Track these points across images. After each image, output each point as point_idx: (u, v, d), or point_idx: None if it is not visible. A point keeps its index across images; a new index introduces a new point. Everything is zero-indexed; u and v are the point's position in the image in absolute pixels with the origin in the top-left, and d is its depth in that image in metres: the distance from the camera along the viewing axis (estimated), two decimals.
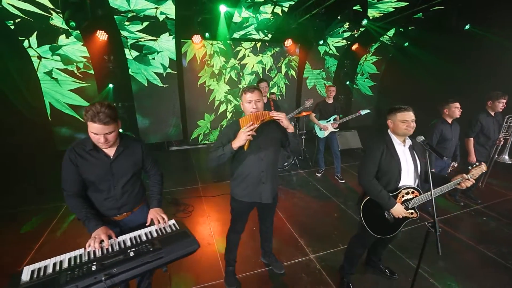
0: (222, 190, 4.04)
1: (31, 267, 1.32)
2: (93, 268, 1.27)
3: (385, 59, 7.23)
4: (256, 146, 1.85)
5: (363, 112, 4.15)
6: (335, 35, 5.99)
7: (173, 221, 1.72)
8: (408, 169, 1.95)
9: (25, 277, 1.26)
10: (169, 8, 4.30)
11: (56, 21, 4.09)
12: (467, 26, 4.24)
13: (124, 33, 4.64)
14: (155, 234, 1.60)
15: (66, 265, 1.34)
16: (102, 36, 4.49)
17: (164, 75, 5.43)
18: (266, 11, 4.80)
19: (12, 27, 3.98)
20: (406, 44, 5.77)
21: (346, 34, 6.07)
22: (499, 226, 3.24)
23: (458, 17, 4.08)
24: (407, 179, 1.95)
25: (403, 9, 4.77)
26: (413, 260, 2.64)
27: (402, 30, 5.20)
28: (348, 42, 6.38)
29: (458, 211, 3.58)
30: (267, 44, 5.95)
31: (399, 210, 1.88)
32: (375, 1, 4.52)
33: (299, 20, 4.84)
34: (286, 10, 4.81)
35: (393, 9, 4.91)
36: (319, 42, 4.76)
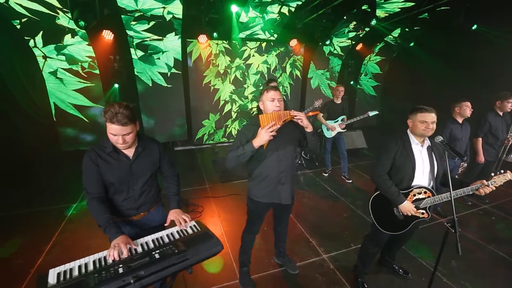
0: (230, 190, 4.03)
1: (57, 269, 1.31)
2: (120, 270, 1.25)
3: (388, 59, 7.24)
4: (275, 146, 1.84)
5: (372, 113, 4.13)
6: (340, 35, 5.99)
7: (194, 222, 1.71)
8: (424, 170, 1.95)
9: (51, 280, 1.25)
10: (177, 8, 4.27)
11: (62, 20, 4.05)
12: (475, 26, 4.24)
13: (130, 32, 4.61)
14: (177, 236, 1.59)
15: (92, 267, 1.33)
16: (108, 35, 4.45)
17: (169, 75, 5.40)
18: (273, 11, 4.79)
19: (18, 26, 3.95)
20: (411, 44, 5.77)
21: (351, 34, 6.07)
22: (509, 226, 3.25)
23: (465, 17, 4.08)
24: (421, 179, 1.96)
25: (409, 9, 4.77)
26: (425, 260, 2.65)
27: (408, 30, 5.21)
28: (353, 42, 6.37)
29: (466, 210, 3.60)
30: (272, 44, 5.94)
31: (407, 207, 1.89)
32: (382, 1, 4.53)
33: (305, 20, 4.83)
34: (293, 10, 4.80)
35: (399, 9, 4.91)
36: (325, 42, 4.74)
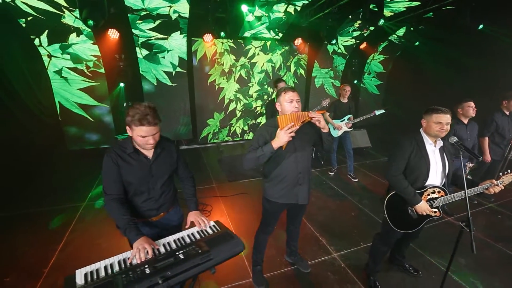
0: (238, 189, 4.04)
1: (83, 270, 1.32)
2: (147, 271, 1.27)
3: (392, 58, 7.25)
4: (293, 147, 1.86)
5: (378, 112, 4.15)
6: (345, 34, 5.99)
7: (213, 222, 1.73)
8: (437, 170, 1.98)
9: (79, 280, 1.26)
10: (183, 7, 4.26)
11: (68, 19, 4.03)
12: (481, 26, 4.25)
13: (135, 31, 4.59)
14: (197, 236, 1.60)
15: (117, 268, 1.34)
16: (113, 34, 4.43)
17: (174, 74, 5.39)
18: (279, 10, 4.78)
19: (23, 25, 3.92)
20: (417, 43, 5.77)
21: (355, 33, 6.07)
22: None
23: (471, 16, 4.09)
24: (435, 178, 1.99)
25: (415, 8, 4.77)
26: (434, 257, 2.68)
27: (413, 29, 5.21)
28: (357, 41, 6.38)
29: (472, 209, 3.63)
30: (277, 42, 5.94)
31: (423, 207, 1.92)
32: (388, 0, 4.52)
33: (310, 19, 4.83)
34: (299, 9, 4.79)
35: (404, 9, 4.91)
36: (332, 42, 4.74)
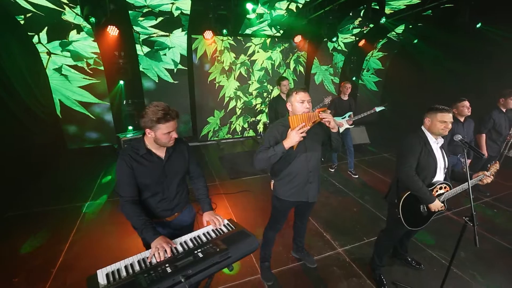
0: (241, 187, 4.08)
1: (104, 270, 1.34)
2: (168, 270, 1.29)
3: (390, 55, 7.32)
4: (304, 147, 1.90)
5: (378, 109, 4.21)
6: (345, 31, 6.01)
7: (227, 220, 1.76)
8: (441, 166, 2.05)
9: (101, 280, 1.28)
10: (185, 4, 4.21)
11: (68, 16, 3.95)
12: (479, 25, 4.32)
13: (137, 28, 4.53)
14: (213, 235, 1.63)
15: (138, 268, 1.36)
16: (113, 31, 4.37)
17: (175, 71, 5.35)
18: (281, 7, 4.77)
19: (22, 22, 3.83)
20: (415, 41, 5.84)
21: (355, 31, 6.10)
22: (510, 218, 3.41)
23: (469, 15, 4.15)
24: (439, 175, 2.06)
25: (414, 6, 4.81)
26: (435, 251, 2.78)
27: (411, 27, 5.26)
28: (356, 38, 6.41)
29: (468, 203, 3.74)
30: (277, 40, 5.93)
31: (437, 205, 1.99)
32: None
33: (311, 16, 4.83)
34: (301, 6, 4.78)
35: (404, 7, 4.95)
36: (332, 39, 4.76)
